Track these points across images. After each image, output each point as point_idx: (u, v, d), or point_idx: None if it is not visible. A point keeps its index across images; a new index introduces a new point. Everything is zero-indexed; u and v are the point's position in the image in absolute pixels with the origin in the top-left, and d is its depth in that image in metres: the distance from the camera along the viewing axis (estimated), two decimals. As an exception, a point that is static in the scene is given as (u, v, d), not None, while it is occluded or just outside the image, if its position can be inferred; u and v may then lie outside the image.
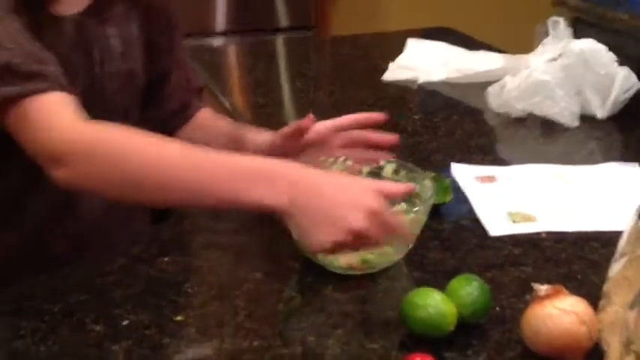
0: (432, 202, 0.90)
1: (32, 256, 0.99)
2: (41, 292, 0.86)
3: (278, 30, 2.81)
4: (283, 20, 2.83)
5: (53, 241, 1.00)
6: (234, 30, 2.76)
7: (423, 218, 0.89)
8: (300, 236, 0.82)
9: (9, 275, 0.90)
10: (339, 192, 0.79)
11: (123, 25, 1.01)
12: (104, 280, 0.88)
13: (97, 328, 0.80)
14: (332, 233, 0.77)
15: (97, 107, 0.95)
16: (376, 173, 0.97)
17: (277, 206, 0.78)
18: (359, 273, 0.88)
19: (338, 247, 0.78)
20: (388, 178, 0.96)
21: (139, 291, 0.86)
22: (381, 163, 0.97)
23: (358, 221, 0.76)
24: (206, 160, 0.81)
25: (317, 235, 0.77)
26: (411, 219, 0.86)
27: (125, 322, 0.80)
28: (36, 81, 0.81)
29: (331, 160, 0.97)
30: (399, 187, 0.86)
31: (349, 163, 0.97)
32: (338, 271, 0.88)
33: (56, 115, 0.82)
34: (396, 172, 0.96)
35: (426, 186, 0.91)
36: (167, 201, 0.85)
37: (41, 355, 0.75)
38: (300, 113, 1.47)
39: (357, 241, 0.77)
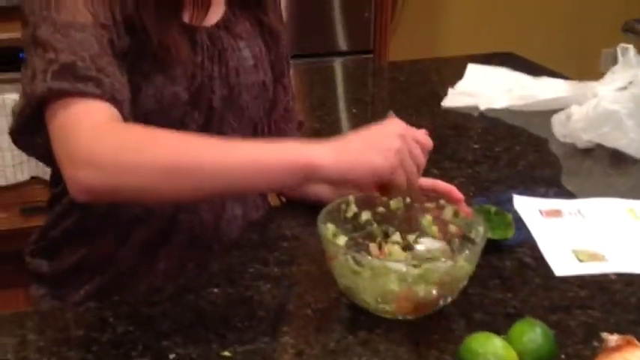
0: (481, 247, 0.85)
1: (140, 270, 1.00)
2: (90, 321, 0.85)
3: (337, 54, 2.81)
4: (342, 44, 2.83)
5: (160, 255, 1.01)
6: (293, 53, 2.76)
7: (471, 265, 0.84)
8: (348, 173, 0.79)
9: (119, 287, 0.93)
10: (369, 132, 0.82)
11: (251, 41, 1.04)
12: (152, 310, 0.87)
13: (144, 361, 0.78)
14: (389, 141, 0.80)
15: (232, 116, 1.00)
16: (436, 214, 0.93)
17: (325, 164, 0.78)
18: (410, 318, 0.84)
19: (398, 159, 0.80)
20: (448, 221, 0.92)
21: (187, 323, 0.84)
22: (441, 202, 0.93)
23: (396, 143, 0.80)
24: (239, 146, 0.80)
25: (375, 152, 0.79)
26: (459, 266, 0.82)
27: (172, 356, 0.78)
28: (89, 85, 0.80)
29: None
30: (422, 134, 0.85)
31: (408, 199, 0.94)
32: (387, 316, 0.84)
33: (92, 120, 0.80)
34: (455, 214, 0.92)
35: (480, 232, 0.86)
36: (204, 191, 0.80)
37: (86, 388, 0.74)
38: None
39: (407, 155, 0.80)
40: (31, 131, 0.85)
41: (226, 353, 0.79)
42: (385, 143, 0.80)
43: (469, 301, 0.88)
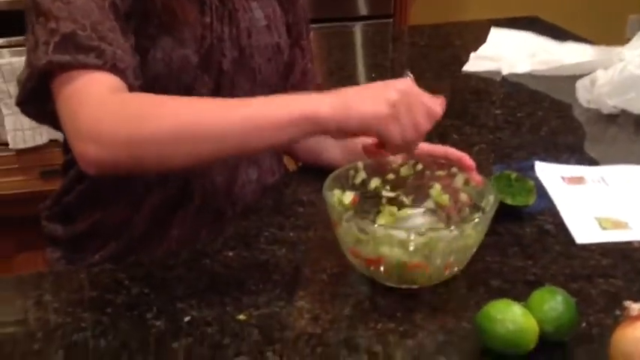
0: (490, 216, 0.82)
1: (154, 236, 1.00)
2: (104, 283, 0.84)
3: (357, 18, 2.77)
4: (363, 9, 2.79)
5: (174, 221, 1.00)
6: (313, 18, 2.72)
7: (478, 234, 0.81)
8: (344, 123, 0.78)
9: (133, 253, 0.93)
10: (371, 85, 0.80)
11: (264, 1, 1.02)
12: (167, 273, 0.86)
13: (158, 323, 0.77)
14: (375, 104, 0.77)
15: (244, 79, 0.98)
16: (447, 182, 0.90)
17: (322, 111, 0.77)
18: (415, 287, 0.82)
19: (396, 111, 0.77)
20: (459, 189, 0.89)
21: (202, 287, 0.84)
22: (453, 170, 0.90)
23: (393, 95, 0.77)
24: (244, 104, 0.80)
25: (363, 107, 0.77)
26: (466, 235, 0.79)
27: (187, 319, 0.78)
28: (91, 56, 0.80)
29: (400, 161, 0.92)
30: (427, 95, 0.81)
31: (419, 166, 0.92)
32: (390, 284, 0.82)
33: (95, 93, 0.79)
34: (466, 182, 0.89)
35: (491, 200, 0.83)
36: (211, 154, 0.79)
37: (100, 349, 0.74)
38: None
39: (405, 108, 0.78)
40: (40, 100, 0.85)
41: (241, 317, 0.78)
42: (382, 94, 0.78)
43: (488, 268, 0.87)
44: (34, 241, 1.21)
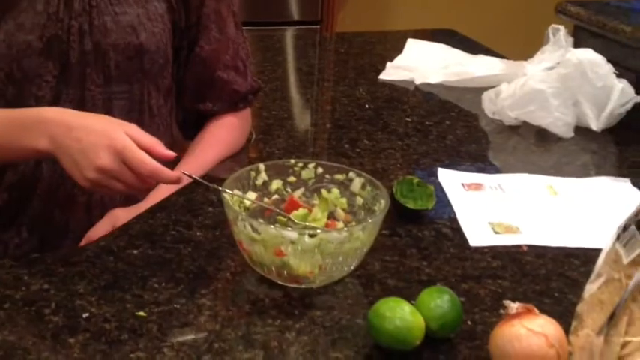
0: (379, 220, 0.84)
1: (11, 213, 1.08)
2: (3, 279, 0.84)
3: (288, 23, 2.81)
4: (295, 14, 2.83)
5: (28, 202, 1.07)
6: (245, 21, 2.73)
7: (368, 236, 0.84)
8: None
9: None
10: (91, 133, 0.88)
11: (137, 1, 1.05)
12: (69, 269, 0.86)
13: (56, 319, 0.78)
14: (86, 172, 0.87)
15: (97, 73, 1.04)
16: (346, 185, 0.93)
17: (44, 149, 0.89)
18: (313, 286, 0.84)
19: (97, 187, 0.89)
20: (355, 193, 0.92)
21: (104, 283, 0.84)
22: (350, 174, 0.94)
23: (105, 159, 0.86)
24: None
25: (76, 174, 0.88)
26: (355, 237, 0.82)
27: (85, 315, 0.78)
28: None
29: (300, 165, 0.94)
30: (149, 138, 0.90)
31: (320, 170, 0.95)
32: (282, 282, 0.85)
33: None
34: (363, 186, 0.92)
35: (382, 205, 0.86)
36: None
37: (-6, 344, 0.73)
38: (295, 107, 1.46)
39: (112, 180, 0.88)
40: None
41: (141, 313, 0.79)
42: (88, 162, 0.87)
43: (386, 267, 0.90)
44: None
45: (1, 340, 0.74)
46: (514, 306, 0.73)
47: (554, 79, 1.31)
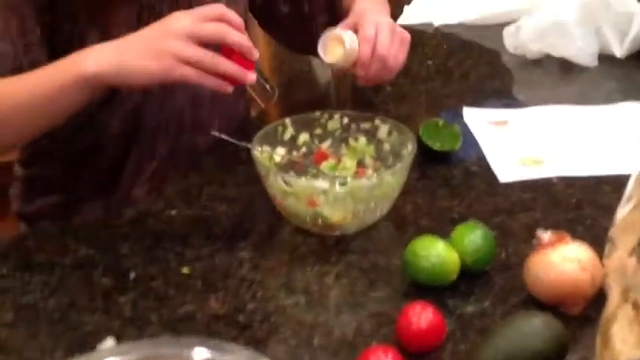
0: (407, 163, 0.86)
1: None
2: (51, 247, 0.87)
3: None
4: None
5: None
6: None
7: (397, 180, 0.85)
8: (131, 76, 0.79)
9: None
10: (149, 31, 0.79)
11: None
12: (112, 233, 0.89)
13: (105, 280, 0.81)
14: (147, 58, 0.77)
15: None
16: (373, 133, 0.94)
17: (90, 71, 0.78)
18: (348, 232, 0.86)
19: (171, 68, 0.77)
20: (382, 139, 0.93)
21: (147, 244, 0.87)
22: (376, 122, 0.94)
23: (171, 44, 0.76)
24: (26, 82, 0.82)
25: (145, 66, 0.77)
26: (386, 182, 0.83)
27: (132, 275, 0.82)
28: None
29: (326, 116, 0.95)
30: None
31: (346, 120, 0.96)
32: (317, 231, 0.86)
33: None
34: (389, 132, 0.93)
35: (409, 149, 0.88)
36: (22, 131, 0.86)
37: (49, 307, 0.77)
38: (315, 60, 1.45)
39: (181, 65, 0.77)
40: None
41: (185, 270, 0.82)
42: (161, 45, 0.77)
43: (417, 209, 0.92)
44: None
45: (56, 304, 0.78)
46: (546, 235, 0.75)
47: (575, 8, 1.29)
